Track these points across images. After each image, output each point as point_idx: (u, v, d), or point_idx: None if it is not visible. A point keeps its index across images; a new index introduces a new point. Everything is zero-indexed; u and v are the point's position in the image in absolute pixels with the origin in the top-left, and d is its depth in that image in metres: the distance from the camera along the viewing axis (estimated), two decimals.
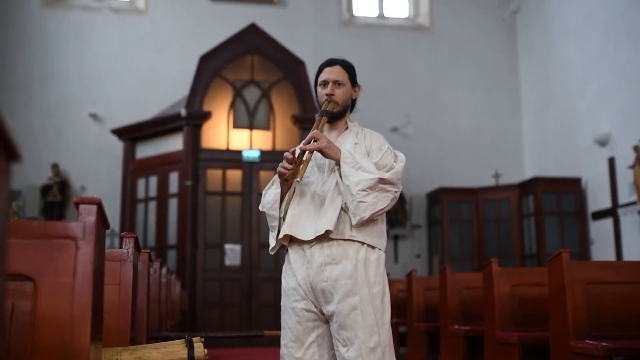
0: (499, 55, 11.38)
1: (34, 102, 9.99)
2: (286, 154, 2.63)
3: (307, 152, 2.61)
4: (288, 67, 9.07)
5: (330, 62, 2.85)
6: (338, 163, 2.60)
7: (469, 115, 11.07)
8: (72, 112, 10.08)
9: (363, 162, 2.58)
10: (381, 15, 11.52)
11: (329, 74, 2.78)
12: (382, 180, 2.54)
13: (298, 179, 2.56)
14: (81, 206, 1.56)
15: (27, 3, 10.25)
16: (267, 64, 9.08)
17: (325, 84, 2.77)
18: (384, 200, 2.56)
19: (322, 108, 2.73)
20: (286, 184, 2.67)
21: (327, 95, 2.74)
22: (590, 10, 9.33)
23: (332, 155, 2.60)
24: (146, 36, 10.51)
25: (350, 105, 2.85)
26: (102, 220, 1.63)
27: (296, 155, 2.63)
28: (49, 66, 10.14)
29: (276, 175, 2.72)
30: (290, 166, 2.60)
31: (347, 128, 2.82)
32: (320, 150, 2.60)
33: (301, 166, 2.58)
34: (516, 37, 11.47)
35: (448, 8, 11.36)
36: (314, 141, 2.61)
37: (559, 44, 10.17)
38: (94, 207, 1.56)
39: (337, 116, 2.77)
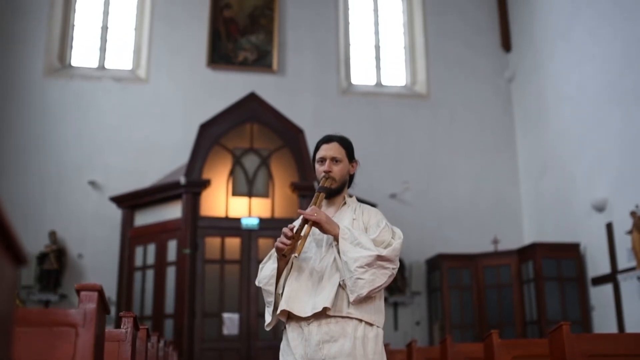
0: (495, 122, 11.54)
1: (33, 169, 10.04)
2: (285, 229, 2.65)
3: (305, 227, 2.63)
4: (287, 135, 9.18)
5: (328, 139, 2.89)
6: (336, 239, 2.61)
7: (467, 182, 11.14)
8: (71, 179, 10.12)
9: (361, 239, 2.59)
10: (379, 84, 11.73)
11: (326, 150, 2.83)
12: (380, 257, 2.55)
13: (296, 254, 2.57)
14: (82, 293, 1.57)
15: (30, 72, 10.43)
16: (266, 132, 9.20)
17: (323, 160, 2.81)
18: (382, 277, 2.57)
19: (320, 184, 2.77)
20: (284, 259, 2.68)
21: (324, 172, 2.77)
22: (583, 79, 9.50)
23: (330, 230, 2.62)
24: (147, 104, 10.65)
25: (348, 181, 2.89)
26: (102, 306, 1.63)
27: (294, 231, 2.65)
28: (49, 133, 10.23)
29: (273, 250, 2.73)
30: (288, 241, 2.61)
31: (345, 204, 2.84)
32: (318, 226, 2.62)
33: (299, 242, 2.60)
34: (512, 104, 11.66)
35: (444, 76, 11.57)
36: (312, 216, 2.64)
37: (553, 111, 10.32)
38: (95, 294, 1.57)
39: (335, 192, 2.80)
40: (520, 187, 11.32)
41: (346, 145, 2.91)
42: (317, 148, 2.88)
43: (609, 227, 8.66)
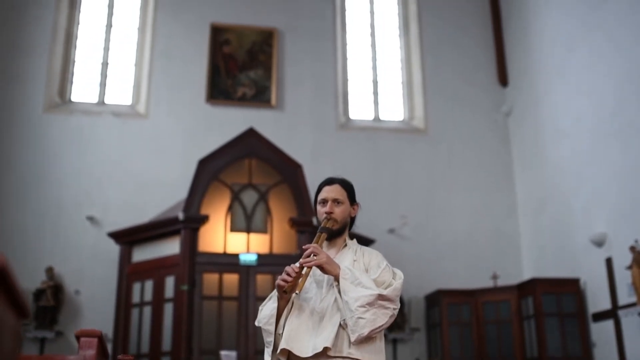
0: (493, 156, 11.58)
1: (31, 204, 10.02)
2: (287, 268, 2.67)
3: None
4: (286, 170, 9.20)
5: (330, 181, 2.93)
6: (337, 279, 2.62)
7: (465, 216, 11.13)
8: (69, 214, 10.09)
9: (362, 279, 2.60)
10: (377, 119, 11.79)
11: (328, 192, 2.86)
12: (381, 297, 2.56)
13: (297, 291, 2.58)
14: (82, 339, 1.55)
15: (30, 107, 10.47)
16: (265, 167, 9.22)
17: (324, 202, 2.84)
18: (383, 317, 2.57)
19: (322, 225, 2.78)
20: (285, 297, 2.70)
21: (326, 213, 2.79)
22: (579, 113, 9.56)
23: (331, 271, 2.63)
24: (146, 139, 10.68)
25: (349, 223, 2.90)
26: (102, 351, 1.62)
27: (295, 270, 2.66)
28: (48, 168, 10.24)
29: (274, 290, 2.74)
30: (290, 279, 2.62)
31: (345, 246, 2.86)
32: (319, 266, 2.63)
33: (300, 279, 2.61)
34: (509, 139, 11.71)
35: (442, 111, 11.64)
36: (314, 256, 2.64)
37: (551, 145, 10.37)
38: (95, 340, 1.56)
39: (336, 233, 2.82)
40: (518, 221, 11.31)
41: (348, 187, 2.94)
42: (319, 190, 2.92)
43: (609, 262, 8.64)
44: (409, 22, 12.35)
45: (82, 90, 11.16)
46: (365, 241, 9.12)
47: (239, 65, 11.19)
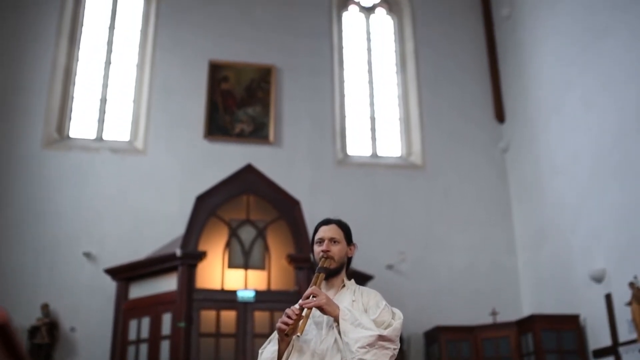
0: (491, 192, 11.59)
1: (28, 240, 9.96)
2: (287, 310, 2.66)
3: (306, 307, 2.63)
4: (284, 206, 9.19)
5: (327, 222, 2.94)
6: (337, 320, 2.61)
7: (464, 252, 11.10)
8: (66, 250, 10.04)
9: (362, 319, 2.59)
10: (374, 155, 11.84)
11: (325, 232, 2.87)
12: (381, 338, 2.55)
13: (298, 333, 2.57)
14: None
15: (28, 143, 10.48)
16: (262, 203, 9.21)
17: (321, 241, 2.84)
18: (383, 358, 2.57)
19: (319, 265, 2.78)
20: (285, 340, 2.69)
21: (323, 251, 2.79)
22: (576, 150, 9.60)
23: (331, 312, 2.62)
24: (144, 176, 10.68)
25: (347, 263, 2.89)
26: None
27: (296, 312, 2.65)
28: (45, 204, 10.20)
29: (274, 333, 2.73)
30: (290, 321, 2.61)
31: (344, 286, 2.85)
32: (319, 307, 2.62)
33: (301, 321, 2.60)
34: (507, 175, 11.74)
35: (439, 147, 11.69)
36: (313, 297, 2.63)
37: (548, 181, 10.39)
38: None
39: (334, 273, 2.82)
40: (517, 257, 11.28)
41: (344, 228, 2.95)
42: (315, 230, 2.93)
43: (609, 298, 8.60)
44: (405, 59, 12.48)
45: (81, 126, 11.19)
46: (363, 277, 9.09)
47: (237, 101, 11.26)
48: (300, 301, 2.71)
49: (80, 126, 11.20)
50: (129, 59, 11.73)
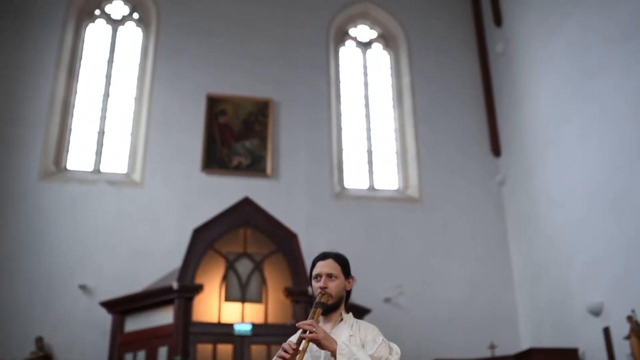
0: (488, 226, 11.60)
1: (23, 272, 9.90)
2: (284, 345, 2.65)
3: (303, 342, 2.62)
4: (281, 239, 9.18)
5: (324, 256, 2.95)
6: (334, 355, 2.60)
7: (461, 286, 11.07)
8: (61, 283, 9.97)
9: (359, 354, 2.58)
10: (372, 188, 11.87)
11: (322, 267, 2.87)
12: None
13: None
14: None
15: (25, 176, 10.48)
16: (260, 236, 9.20)
17: (318, 277, 2.85)
18: None
19: (317, 300, 2.78)
20: None
21: (320, 288, 2.80)
22: (573, 183, 9.64)
23: (328, 346, 2.61)
24: (141, 208, 10.67)
25: (345, 297, 2.90)
26: None
27: (293, 347, 2.64)
28: (41, 237, 10.17)
29: None
30: (287, 355, 2.60)
31: (341, 320, 2.85)
32: (316, 341, 2.61)
33: (298, 356, 2.59)
34: (503, 208, 11.77)
35: (436, 180, 11.73)
36: (310, 332, 2.63)
37: (545, 215, 10.41)
38: None
39: (332, 308, 2.82)
40: (515, 291, 11.24)
41: (342, 262, 2.95)
42: (313, 265, 2.94)
43: (607, 332, 8.56)
44: (402, 93, 12.60)
45: (78, 158, 11.22)
46: (361, 310, 9.05)
47: (235, 134, 11.32)
48: (297, 335, 2.70)
49: (78, 158, 11.22)
50: (128, 92, 11.81)
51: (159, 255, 10.16)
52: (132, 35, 12.33)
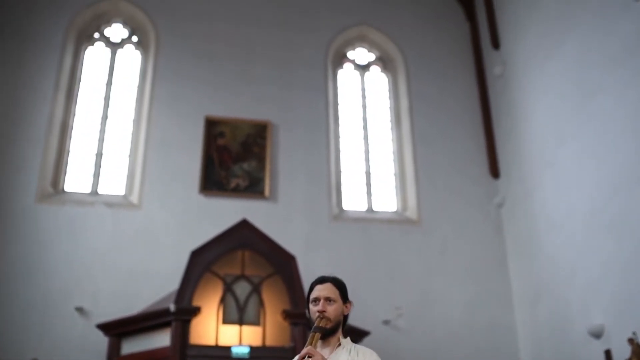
0: (487, 247, 11.57)
1: (19, 295, 9.83)
2: None
3: None
4: (279, 262, 9.15)
5: (321, 280, 2.94)
6: None
7: (461, 308, 11.01)
8: (58, 305, 9.90)
9: None
10: (370, 209, 11.85)
11: (320, 291, 2.86)
12: None
13: None
14: None
15: (22, 198, 10.45)
16: (258, 258, 9.16)
17: (316, 301, 2.83)
18: None
19: (315, 324, 2.76)
20: None
21: (319, 312, 2.78)
22: (571, 205, 9.63)
23: None
24: (139, 230, 10.64)
25: (343, 321, 2.88)
26: None
27: None
28: (38, 259, 10.11)
29: None
30: None
31: (339, 345, 2.82)
32: None
33: None
34: (502, 230, 11.74)
35: (435, 202, 11.72)
36: (309, 357, 2.60)
37: (544, 236, 10.38)
38: None
39: (330, 332, 2.80)
40: (514, 312, 11.19)
41: (340, 285, 2.94)
42: (311, 289, 2.93)
43: (608, 354, 8.49)
44: (400, 115, 12.63)
45: (76, 180, 11.20)
46: (359, 333, 8.99)
47: (233, 156, 11.32)
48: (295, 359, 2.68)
49: (76, 180, 11.21)
50: (126, 113, 11.84)
51: (156, 278, 10.11)
52: (130, 58, 12.38)
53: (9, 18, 11.54)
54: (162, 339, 8.60)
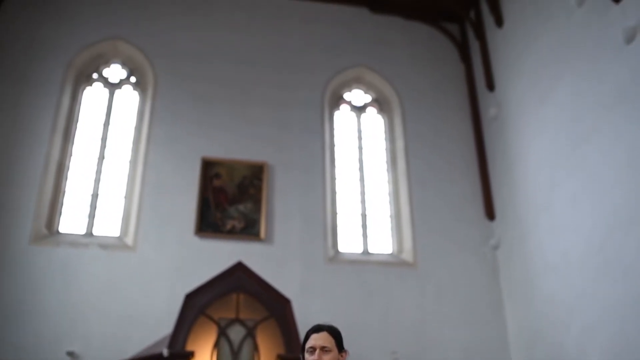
0: (483, 290, 11.50)
1: (10, 337, 9.68)
2: None
3: None
4: (274, 305, 9.07)
5: (317, 329, 2.92)
6: None
7: (457, 352, 10.88)
8: (49, 349, 9.72)
9: None
10: (365, 252, 11.80)
11: (316, 340, 2.84)
12: None
13: None
14: None
15: (16, 238, 10.37)
16: (252, 302, 9.09)
17: (312, 350, 2.81)
18: None
19: None
20: None
21: None
22: (567, 248, 9.61)
23: None
24: (133, 272, 10.54)
25: None
26: None
27: None
28: (30, 301, 9.99)
29: None
30: None
31: None
32: None
33: None
34: (498, 272, 11.69)
35: (430, 244, 11.68)
36: None
37: (540, 279, 10.33)
38: None
39: None
40: (511, 356, 11.06)
41: (335, 334, 2.92)
42: (306, 337, 2.90)
43: None
44: (396, 156, 12.67)
45: (71, 221, 11.15)
46: None
47: (229, 198, 11.31)
48: None
49: (70, 221, 11.16)
50: (123, 154, 11.85)
51: (150, 321, 9.99)
52: (128, 99, 12.46)
53: (7, 58, 11.62)
54: None
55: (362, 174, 12.62)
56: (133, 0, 12.85)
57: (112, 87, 12.51)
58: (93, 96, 12.37)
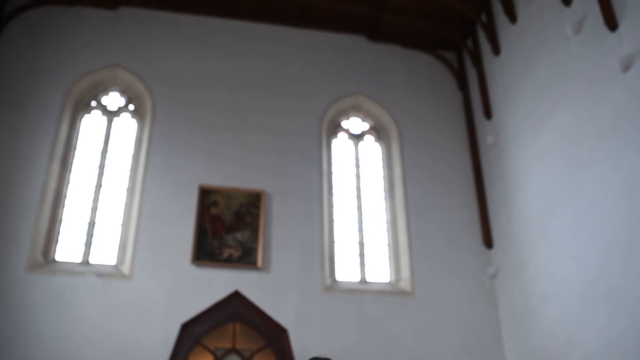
0: (481, 319, 11.40)
1: None
2: None
3: None
4: (271, 334, 9.00)
5: None
6: None
7: None
8: None
9: None
10: (363, 280, 11.72)
11: None
12: None
13: None
14: None
15: (12, 267, 10.30)
16: (249, 331, 9.02)
17: None
18: None
19: None
20: None
21: None
22: (565, 277, 9.55)
23: None
24: (129, 301, 10.45)
25: None
26: None
27: None
28: (25, 331, 9.89)
29: None
30: None
31: None
32: None
33: None
34: (497, 301, 11.60)
35: (428, 273, 11.61)
36: None
37: (538, 308, 10.25)
38: None
39: None
40: None
41: None
42: None
43: None
44: (394, 184, 12.65)
45: (67, 249, 11.09)
46: None
47: (226, 226, 11.26)
48: None
49: (67, 250, 11.10)
50: (120, 182, 11.83)
51: (146, 350, 9.89)
52: (126, 126, 12.47)
53: (5, 86, 11.65)
54: None
55: (359, 202, 12.59)
56: (132, 28, 12.93)
57: (111, 114, 12.53)
58: (91, 124, 12.38)
